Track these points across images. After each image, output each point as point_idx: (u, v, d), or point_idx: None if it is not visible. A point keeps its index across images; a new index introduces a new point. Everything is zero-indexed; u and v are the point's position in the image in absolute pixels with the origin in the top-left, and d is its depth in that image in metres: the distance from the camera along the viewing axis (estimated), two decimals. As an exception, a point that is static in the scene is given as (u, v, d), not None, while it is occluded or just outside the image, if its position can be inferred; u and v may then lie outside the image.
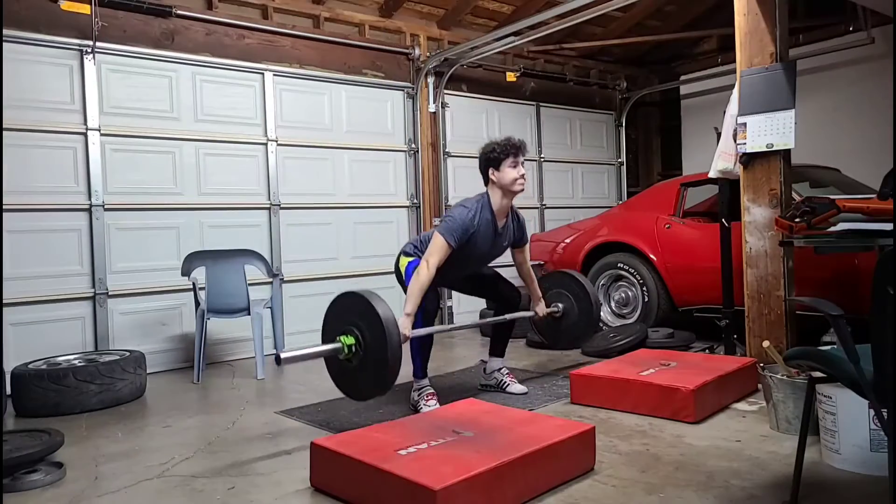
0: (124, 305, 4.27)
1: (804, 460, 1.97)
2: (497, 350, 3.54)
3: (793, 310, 3.27)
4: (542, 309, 3.65)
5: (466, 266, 3.25)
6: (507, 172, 3.09)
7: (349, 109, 5.33)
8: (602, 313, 5.04)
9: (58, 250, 4.04)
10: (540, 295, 3.65)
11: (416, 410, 3.09)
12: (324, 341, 2.78)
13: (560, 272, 3.92)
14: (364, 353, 2.62)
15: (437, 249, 2.99)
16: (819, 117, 5.57)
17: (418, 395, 3.17)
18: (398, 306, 5.68)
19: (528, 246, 3.48)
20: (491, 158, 3.12)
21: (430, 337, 3.17)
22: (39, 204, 3.98)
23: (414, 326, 2.95)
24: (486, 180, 3.18)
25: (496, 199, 3.14)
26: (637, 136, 7.69)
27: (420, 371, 3.20)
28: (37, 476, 2.36)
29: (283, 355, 2.56)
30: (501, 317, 3.42)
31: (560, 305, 3.76)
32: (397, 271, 3.32)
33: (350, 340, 2.63)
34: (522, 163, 3.13)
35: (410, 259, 3.23)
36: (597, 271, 5.03)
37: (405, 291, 3.11)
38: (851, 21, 5.54)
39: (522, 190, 3.16)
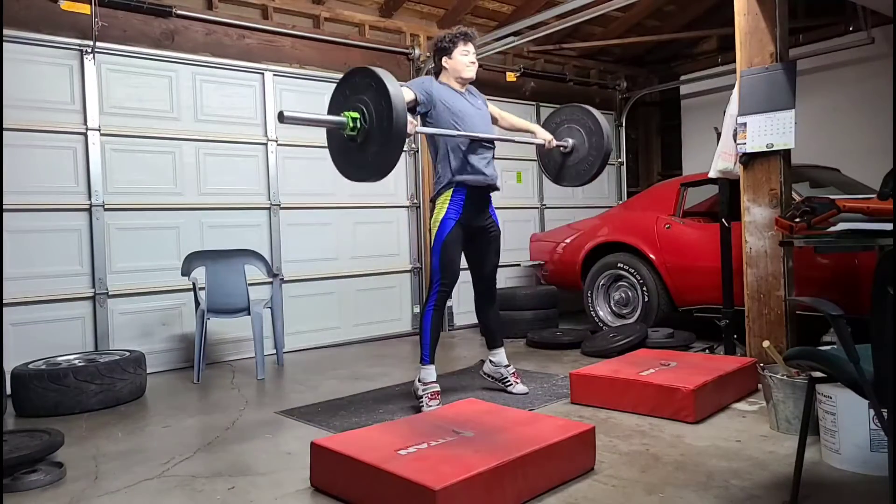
0: (124, 305, 4.27)
1: (804, 460, 1.97)
2: (496, 342, 3.51)
3: (793, 310, 3.27)
4: (547, 135, 3.54)
5: (470, 128, 3.20)
6: (458, 59, 3.23)
7: (349, 109, 5.32)
8: (602, 313, 5.04)
9: (58, 250, 4.04)
10: (538, 127, 3.64)
11: (418, 409, 3.08)
12: (330, 112, 2.67)
13: (576, 106, 3.69)
14: (368, 130, 2.53)
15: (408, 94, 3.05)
16: (819, 117, 5.56)
17: (423, 391, 3.15)
18: (397, 307, 5.68)
19: (495, 108, 3.55)
20: (442, 48, 3.25)
21: (440, 321, 3.22)
22: (39, 204, 3.98)
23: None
24: (440, 70, 3.30)
25: (451, 84, 3.26)
26: (637, 136, 7.69)
27: (428, 356, 3.19)
28: (37, 476, 2.36)
29: (286, 113, 2.47)
30: (499, 136, 3.43)
31: (570, 141, 3.62)
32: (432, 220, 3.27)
33: (355, 115, 2.54)
34: (473, 52, 3.25)
35: (443, 211, 3.18)
36: (597, 271, 5.03)
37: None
38: (851, 21, 5.54)
39: (473, 77, 3.27)
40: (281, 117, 2.49)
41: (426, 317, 3.20)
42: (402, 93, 2.52)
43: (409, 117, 2.73)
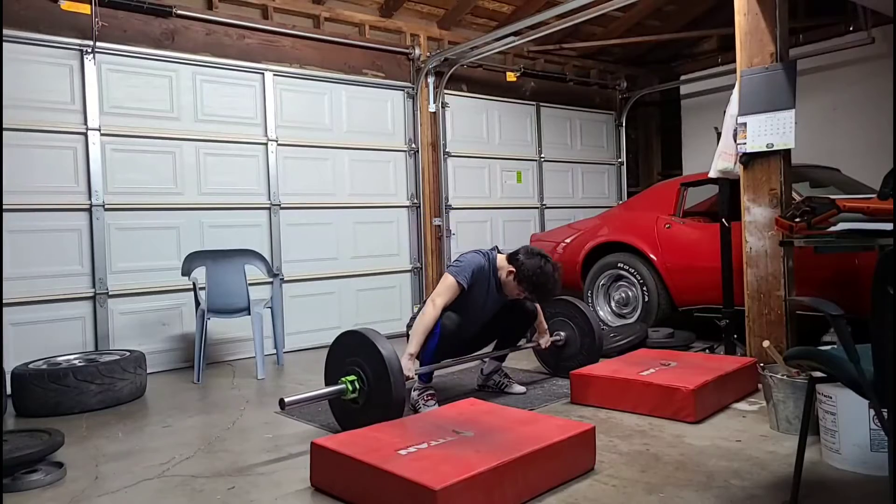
0: (124, 305, 4.27)
1: (804, 460, 1.97)
2: (497, 357, 3.54)
3: (793, 310, 3.27)
4: (545, 341, 3.65)
5: (482, 318, 3.26)
6: (514, 289, 3.17)
7: (349, 109, 5.33)
8: (602, 313, 5.04)
9: (58, 250, 4.04)
10: (546, 328, 3.66)
11: (415, 410, 3.09)
12: (327, 383, 2.81)
13: (564, 300, 3.83)
14: (368, 393, 2.64)
15: (446, 289, 3.05)
16: (819, 117, 5.57)
17: (418, 395, 3.17)
18: (397, 307, 5.69)
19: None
20: (522, 274, 3.10)
21: (441, 354, 3.16)
22: (39, 204, 3.98)
23: (423, 363, 3.04)
24: (510, 272, 3.16)
25: (501, 276, 3.20)
26: (637, 136, 7.69)
27: (426, 376, 3.20)
28: (37, 476, 2.36)
29: (287, 399, 2.58)
30: (503, 351, 3.48)
31: (562, 334, 3.77)
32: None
33: (354, 381, 2.66)
34: (533, 301, 3.27)
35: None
36: (597, 271, 5.03)
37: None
38: (851, 21, 5.54)
39: (512, 301, 3.29)
40: (282, 405, 2.58)
41: (431, 345, 3.07)
42: (395, 355, 2.58)
43: (405, 362, 2.78)
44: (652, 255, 4.66)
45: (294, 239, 5.00)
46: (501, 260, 3.23)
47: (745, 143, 3.33)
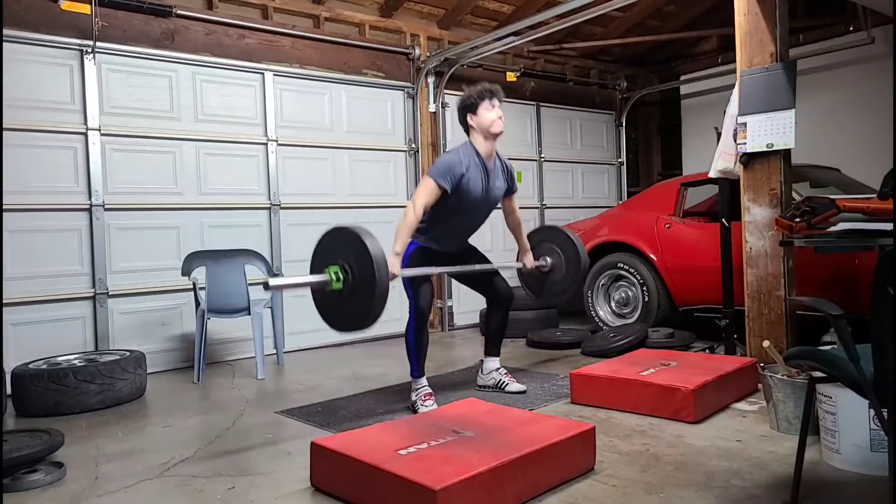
0: (124, 305, 4.27)
1: (804, 460, 1.97)
2: (492, 350, 3.54)
3: (793, 310, 3.27)
4: (529, 261, 3.64)
5: (465, 215, 3.21)
6: (484, 115, 3.16)
7: (349, 109, 5.33)
8: (602, 313, 5.04)
9: (58, 250, 4.04)
10: (528, 247, 3.65)
11: (413, 411, 3.09)
12: (312, 272, 2.73)
13: (552, 227, 3.87)
14: (351, 286, 2.58)
15: (425, 191, 3.04)
16: (819, 117, 5.56)
17: (416, 395, 3.17)
18: (397, 306, 5.67)
19: (516, 196, 3.48)
20: (468, 105, 3.20)
21: (425, 337, 3.21)
22: (39, 204, 3.98)
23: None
24: (467, 129, 3.25)
25: (479, 143, 3.19)
26: (637, 136, 7.69)
27: (416, 370, 3.21)
28: (37, 476, 2.36)
29: (271, 282, 2.57)
30: (472, 266, 3.39)
31: (549, 260, 3.72)
32: None
33: (338, 273, 2.60)
34: (498, 106, 3.19)
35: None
36: (597, 271, 5.03)
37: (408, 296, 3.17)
38: (851, 21, 5.54)
39: (501, 131, 3.20)
40: (266, 286, 2.58)
41: (409, 334, 3.22)
42: (382, 252, 2.54)
43: (390, 260, 2.75)
44: (652, 255, 4.66)
45: (294, 239, 5.00)
46: (471, 137, 3.24)
47: (745, 143, 3.33)
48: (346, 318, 2.65)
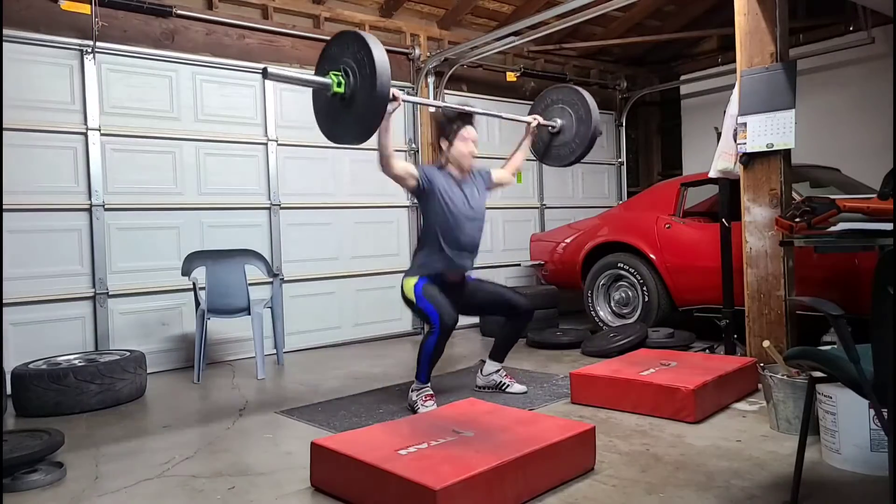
0: (124, 305, 4.27)
1: (804, 460, 1.98)
2: (498, 355, 3.53)
3: (793, 310, 3.27)
4: (537, 117, 3.62)
5: (459, 224, 3.20)
6: (458, 147, 3.20)
7: (349, 109, 5.32)
8: (602, 313, 5.04)
9: (58, 250, 4.04)
10: (534, 115, 3.66)
11: (413, 411, 3.09)
12: (317, 75, 2.71)
13: (567, 87, 3.75)
14: (353, 90, 2.57)
15: (405, 164, 3.13)
16: (819, 117, 5.56)
17: (416, 396, 3.17)
18: (397, 307, 5.68)
19: (495, 172, 3.47)
20: (443, 129, 3.22)
21: (442, 349, 3.17)
22: (39, 204, 3.98)
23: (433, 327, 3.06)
24: (439, 148, 3.28)
25: (451, 168, 3.25)
26: (637, 136, 7.69)
27: (424, 376, 3.20)
28: (37, 476, 2.36)
29: (270, 70, 2.54)
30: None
31: (559, 121, 3.66)
32: (404, 297, 3.25)
33: (341, 78, 2.58)
34: (474, 134, 3.21)
35: (414, 280, 3.19)
36: (597, 271, 5.03)
37: (415, 313, 3.18)
38: (851, 21, 5.54)
39: (471, 161, 3.24)
40: (265, 73, 2.52)
41: (428, 344, 3.11)
42: (386, 58, 2.52)
43: (394, 90, 2.74)
44: (652, 255, 4.66)
45: (294, 239, 5.00)
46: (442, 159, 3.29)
47: (745, 143, 3.33)
48: (344, 126, 2.67)
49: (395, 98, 2.76)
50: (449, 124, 3.20)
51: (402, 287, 3.24)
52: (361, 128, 2.62)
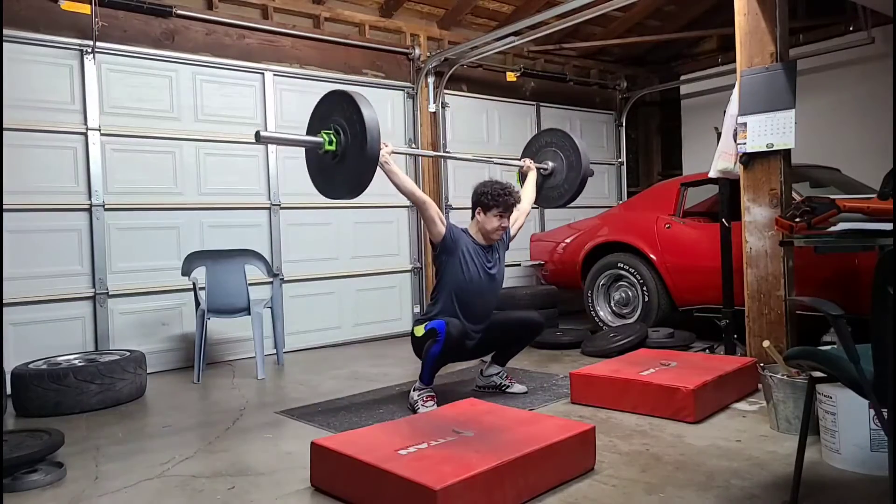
0: (124, 305, 4.27)
1: (804, 460, 1.97)
2: (501, 360, 3.53)
3: (793, 310, 3.27)
4: (530, 161, 3.77)
5: (474, 290, 3.24)
6: (491, 220, 3.25)
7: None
8: (602, 313, 5.04)
9: (58, 250, 4.04)
10: (526, 158, 3.82)
11: (413, 411, 3.09)
12: (308, 133, 2.82)
13: (559, 131, 3.91)
14: (343, 149, 2.67)
15: (432, 205, 3.17)
16: (819, 117, 5.56)
17: (417, 396, 3.17)
18: (397, 307, 5.68)
19: (514, 220, 3.46)
20: (482, 202, 3.26)
21: (449, 358, 3.18)
22: (39, 204, 3.98)
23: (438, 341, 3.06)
24: (473, 214, 3.33)
25: (477, 235, 3.30)
26: (637, 136, 7.69)
27: (427, 378, 3.19)
28: (37, 476, 2.36)
29: (262, 133, 2.66)
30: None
31: (550, 164, 3.78)
32: (413, 341, 3.26)
33: (332, 137, 2.68)
34: (507, 217, 3.28)
35: (424, 324, 3.18)
36: (597, 271, 5.03)
37: (421, 359, 3.18)
38: (851, 21, 5.54)
39: (499, 238, 3.33)
40: (258, 137, 2.64)
41: (435, 349, 3.08)
42: (375, 115, 2.62)
43: (385, 148, 2.85)
44: (652, 255, 4.66)
45: (294, 239, 5.00)
46: (471, 224, 3.36)
47: (745, 143, 3.33)
48: (338, 182, 2.75)
49: (384, 156, 2.86)
50: (489, 202, 3.22)
51: (412, 334, 3.26)
52: (354, 183, 2.71)
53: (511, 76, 6.14)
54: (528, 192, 3.68)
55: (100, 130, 4.18)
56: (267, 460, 2.55)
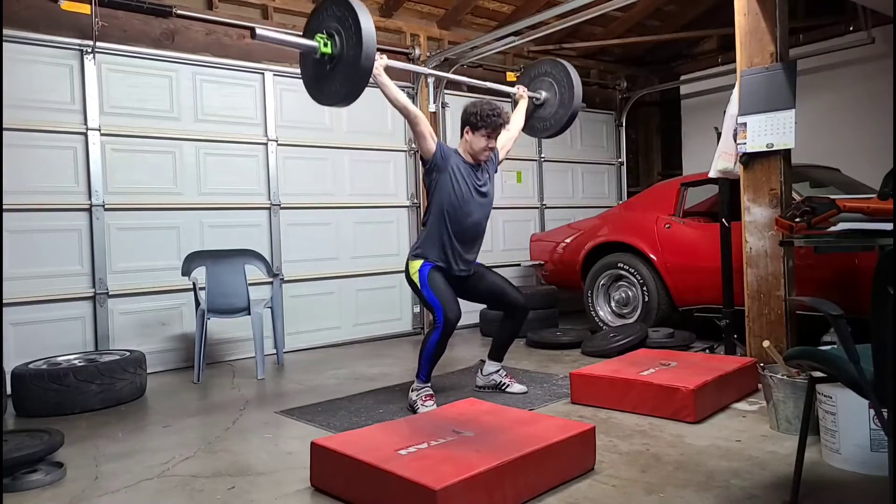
0: (124, 305, 4.27)
1: (804, 460, 1.97)
2: (496, 354, 3.54)
3: (793, 310, 3.27)
4: (523, 89, 3.73)
5: (466, 205, 3.24)
6: (478, 140, 3.25)
7: (349, 109, 5.31)
8: (602, 313, 5.04)
9: (58, 250, 4.04)
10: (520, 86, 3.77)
11: (413, 411, 3.09)
12: (304, 37, 2.79)
13: (558, 63, 3.81)
14: (338, 56, 2.67)
15: (428, 124, 3.20)
16: (819, 117, 5.56)
17: (416, 395, 3.17)
18: (397, 307, 5.68)
19: (502, 142, 3.47)
20: (470, 122, 3.26)
21: (444, 347, 3.19)
22: (39, 204, 3.98)
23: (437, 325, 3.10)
24: (462, 133, 3.33)
25: (465, 154, 3.31)
26: (637, 136, 7.69)
27: (424, 375, 3.20)
28: (37, 476, 2.36)
29: (259, 31, 2.61)
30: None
31: (543, 94, 3.75)
32: (408, 278, 3.28)
33: (327, 42, 2.67)
34: (494, 139, 3.28)
35: (419, 262, 3.22)
36: (597, 271, 5.03)
37: (417, 295, 3.21)
38: (851, 21, 5.54)
39: (486, 160, 3.34)
40: (253, 34, 2.60)
41: (431, 341, 3.14)
42: (372, 23, 2.61)
43: (378, 55, 2.84)
44: (652, 255, 4.66)
45: (294, 239, 5.00)
46: (460, 143, 3.36)
47: (745, 143, 3.33)
48: (332, 87, 2.75)
49: (378, 68, 2.92)
50: (478, 122, 3.23)
51: (406, 267, 3.28)
52: (348, 89, 2.71)
53: (511, 76, 6.13)
54: (517, 118, 3.68)
55: (100, 130, 4.18)
56: (267, 460, 2.55)
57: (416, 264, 3.23)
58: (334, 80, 2.73)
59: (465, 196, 3.24)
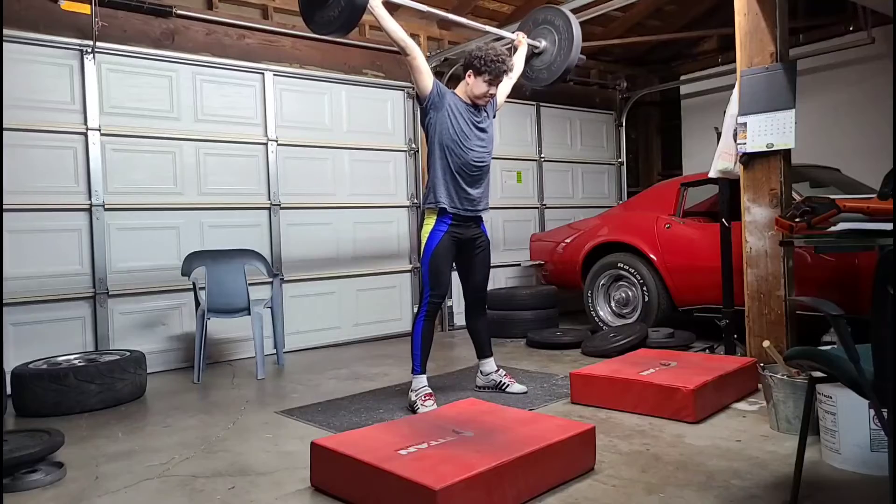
0: (124, 305, 4.27)
1: (804, 460, 1.97)
2: (485, 352, 3.54)
3: (793, 310, 3.27)
4: (523, 36, 3.68)
5: (466, 142, 3.21)
6: (480, 85, 3.21)
7: (349, 109, 5.33)
8: (602, 313, 5.04)
9: (58, 250, 4.04)
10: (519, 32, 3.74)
11: (413, 411, 3.09)
12: None
13: (567, 19, 3.70)
14: None
15: (419, 52, 3.18)
16: (819, 117, 5.56)
17: (416, 396, 3.17)
18: (397, 307, 5.67)
19: (501, 91, 3.44)
20: (473, 66, 3.22)
21: (431, 331, 3.23)
22: (39, 204, 3.98)
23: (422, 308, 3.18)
24: (462, 76, 3.29)
25: (464, 96, 3.27)
26: (637, 136, 7.69)
27: (418, 365, 3.21)
28: (37, 476, 2.36)
29: None
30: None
31: (543, 43, 3.70)
32: (419, 232, 3.29)
33: None
34: (495, 86, 3.24)
35: (433, 221, 3.21)
36: (597, 271, 5.03)
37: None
38: (851, 21, 5.54)
39: (485, 104, 3.30)
40: None
41: (417, 327, 3.22)
42: None
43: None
44: (652, 255, 4.66)
45: (294, 239, 5.00)
46: (459, 86, 3.33)
47: (745, 143, 3.33)
48: (328, 14, 2.79)
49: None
50: (482, 66, 3.17)
51: (421, 220, 3.29)
52: (343, 19, 2.74)
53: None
54: (517, 65, 3.62)
55: (100, 130, 4.18)
56: (267, 460, 2.55)
57: (430, 223, 3.21)
58: (330, 5, 2.72)
59: (465, 131, 3.20)
